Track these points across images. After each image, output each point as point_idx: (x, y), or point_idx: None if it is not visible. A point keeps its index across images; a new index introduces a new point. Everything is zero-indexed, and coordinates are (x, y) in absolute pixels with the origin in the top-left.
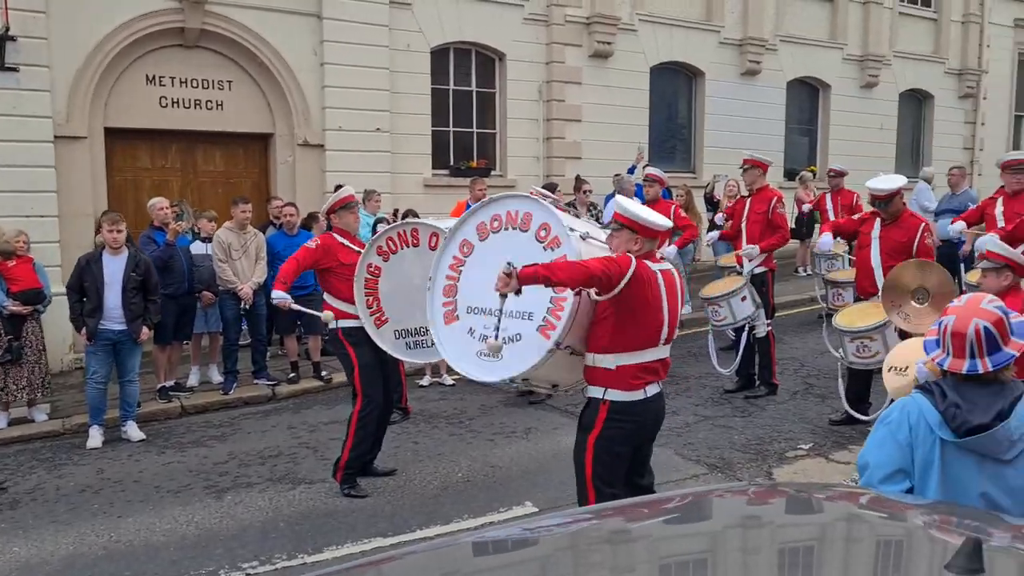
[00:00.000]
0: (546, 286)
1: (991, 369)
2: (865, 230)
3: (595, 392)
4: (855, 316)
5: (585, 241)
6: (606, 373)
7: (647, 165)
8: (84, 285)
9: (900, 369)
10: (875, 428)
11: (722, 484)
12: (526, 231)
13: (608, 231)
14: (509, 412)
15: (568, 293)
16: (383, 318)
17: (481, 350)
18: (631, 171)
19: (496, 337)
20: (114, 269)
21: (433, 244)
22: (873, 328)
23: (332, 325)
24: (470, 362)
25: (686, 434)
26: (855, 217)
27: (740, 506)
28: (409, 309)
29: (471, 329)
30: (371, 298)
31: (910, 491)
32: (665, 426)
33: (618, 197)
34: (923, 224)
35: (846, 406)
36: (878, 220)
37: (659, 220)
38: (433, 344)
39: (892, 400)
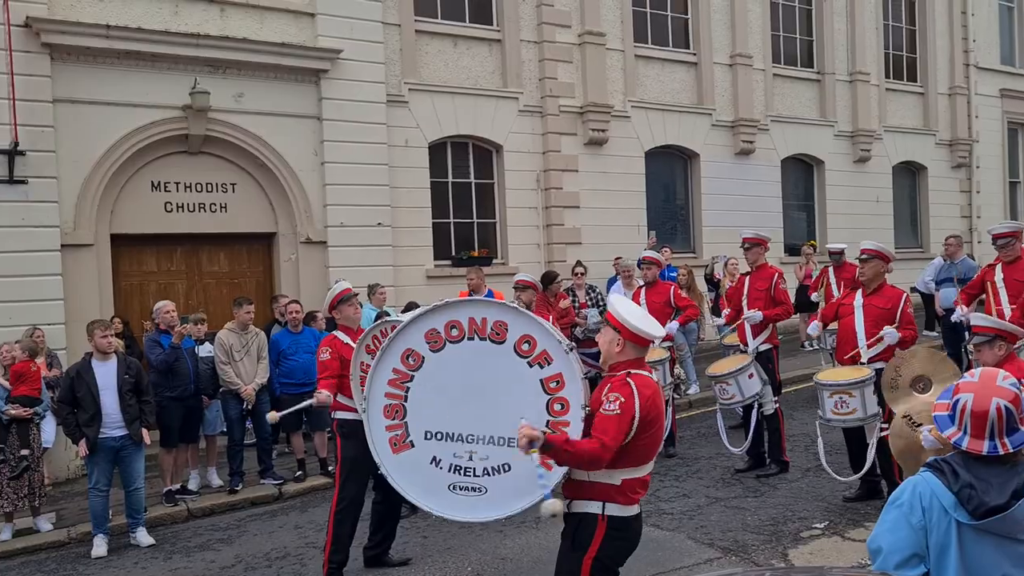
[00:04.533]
0: (557, 460)
1: (1012, 451)
2: (847, 302)
3: (592, 507)
4: (837, 374)
5: (572, 353)
6: (607, 488)
7: (664, 247)
8: (77, 396)
9: (913, 422)
10: (885, 510)
11: (738, 568)
12: (500, 343)
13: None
14: None
15: (571, 415)
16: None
17: (455, 483)
18: None
19: (547, 496)
20: (106, 373)
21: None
22: (854, 384)
23: (329, 401)
24: (441, 497)
25: (698, 517)
26: (835, 301)
27: None
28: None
29: (435, 459)
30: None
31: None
32: (677, 509)
33: (612, 295)
34: (905, 294)
35: (823, 463)
36: (859, 291)
37: (646, 328)
38: None
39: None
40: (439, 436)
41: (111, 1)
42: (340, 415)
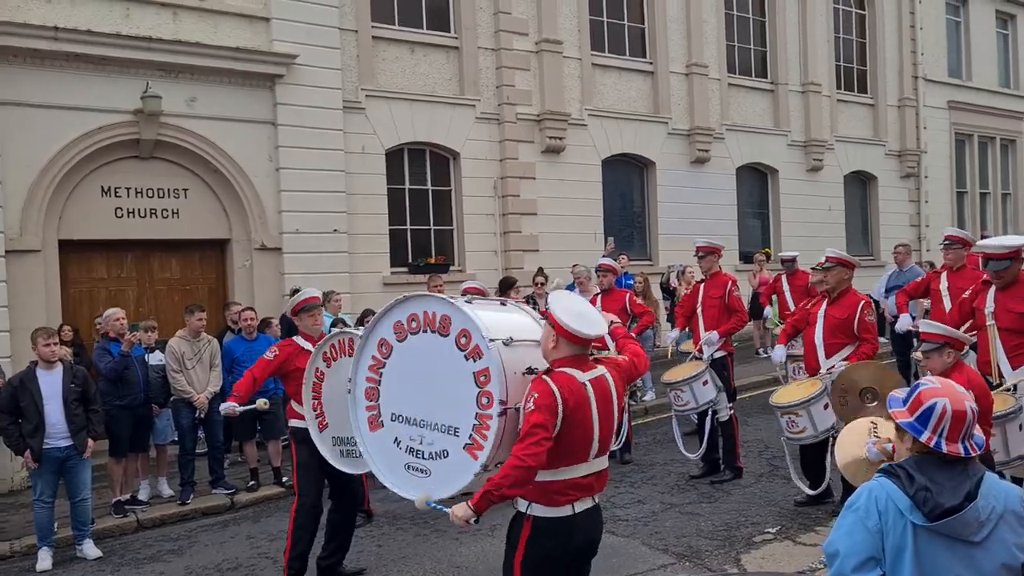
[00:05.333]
0: (502, 500)
1: (978, 452)
2: (814, 311)
3: (520, 505)
4: (791, 393)
5: (511, 347)
6: (531, 487)
7: (621, 254)
8: (20, 405)
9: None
10: (842, 515)
11: (687, 569)
12: (446, 336)
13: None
14: None
15: (494, 410)
16: (325, 422)
17: (409, 462)
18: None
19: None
20: (51, 383)
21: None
22: (798, 404)
23: (265, 407)
24: (398, 475)
25: (653, 523)
26: (806, 307)
27: None
28: (343, 417)
29: (396, 439)
30: (316, 401)
31: None
32: (631, 515)
33: (552, 293)
34: (863, 301)
35: (796, 481)
36: (825, 300)
37: (577, 327)
38: (362, 455)
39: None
40: (400, 419)
41: (60, 3)
42: (294, 423)
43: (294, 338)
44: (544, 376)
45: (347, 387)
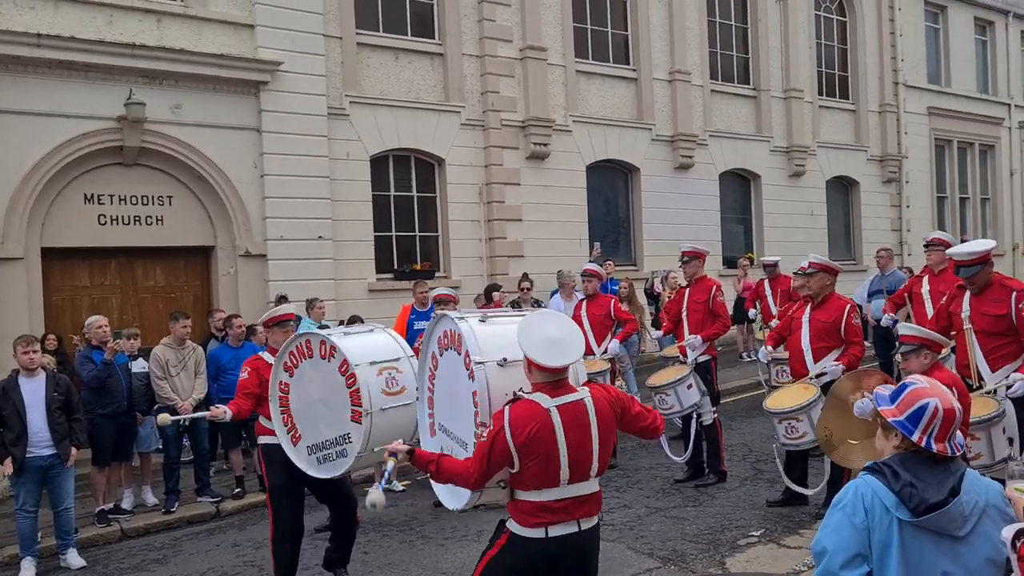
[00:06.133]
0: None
1: (961, 451)
2: (797, 315)
3: (504, 514)
4: (784, 398)
5: (506, 367)
6: (510, 502)
7: (607, 260)
8: (3, 414)
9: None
10: (829, 513)
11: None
12: (459, 354)
13: None
14: (459, 515)
15: (479, 431)
16: (297, 435)
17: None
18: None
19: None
20: (34, 391)
21: (324, 353)
22: (799, 409)
23: (227, 418)
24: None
25: (638, 527)
26: (790, 312)
27: None
28: (314, 422)
29: (441, 448)
30: (285, 415)
31: (869, 574)
32: (617, 520)
33: (525, 318)
34: (848, 305)
35: (787, 482)
36: (809, 305)
37: (544, 360)
38: (338, 457)
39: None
40: (443, 429)
41: (42, 9)
42: (264, 440)
43: (260, 354)
44: (507, 406)
45: (414, 394)
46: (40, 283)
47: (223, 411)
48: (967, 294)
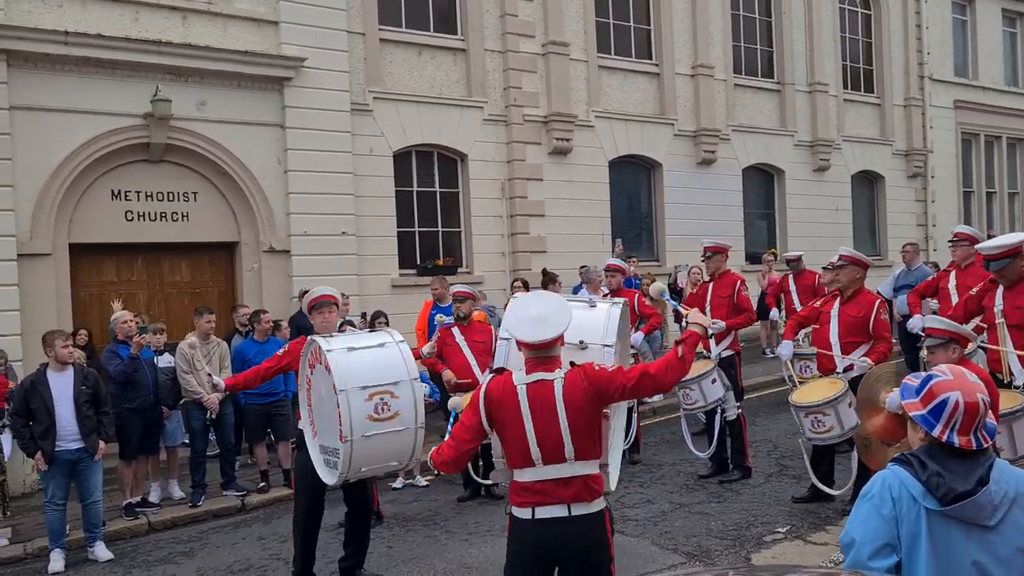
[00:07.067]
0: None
1: (991, 442)
2: (825, 309)
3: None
4: (811, 392)
5: (586, 350)
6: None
7: (630, 256)
8: (32, 408)
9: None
10: (857, 504)
11: (697, 568)
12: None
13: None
14: (483, 510)
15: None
16: (314, 430)
17: None
18: None
19: None
20: (62, 385)
21: (326, 366)
22: (826, 403)
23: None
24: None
25: (662, 523)
26: (816, 304)
27: None
28: (325, 424)
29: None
30: (309, 407)
31: (898, 565)
32: (641, 515)
33: (515, 296)
34: (878, 300)
35: (814, 480)
36: (837, 299)
37: (520, 334)
38: (332, 467)
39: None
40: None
41: (70, 7)
42: (301, 424)
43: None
44: (492, 374)
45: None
46: (68, 279)
47: (219, 381)
48: (1000, 288)
